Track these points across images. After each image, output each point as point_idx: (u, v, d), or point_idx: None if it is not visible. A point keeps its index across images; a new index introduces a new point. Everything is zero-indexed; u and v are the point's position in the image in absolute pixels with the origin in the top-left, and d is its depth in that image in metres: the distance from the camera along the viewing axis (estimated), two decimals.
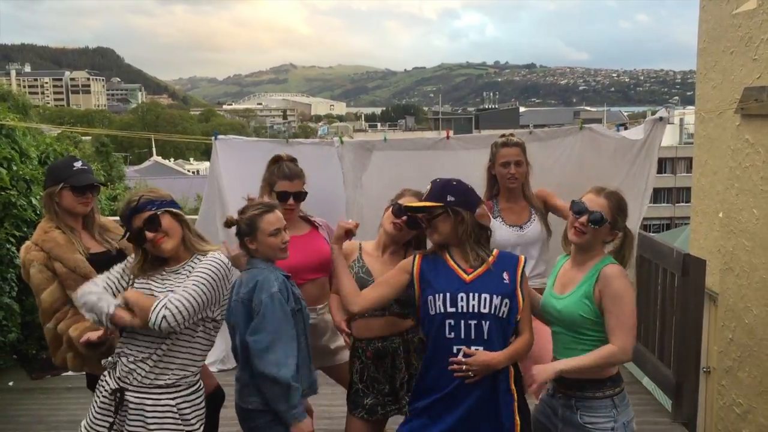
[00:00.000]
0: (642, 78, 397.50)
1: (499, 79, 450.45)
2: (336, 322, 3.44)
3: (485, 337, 2.81)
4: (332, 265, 3.19)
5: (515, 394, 2.91)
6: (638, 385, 5.57)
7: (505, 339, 2.86)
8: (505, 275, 2.89)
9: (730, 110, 5.75)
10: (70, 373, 5.81)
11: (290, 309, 2.97)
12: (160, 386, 2.83)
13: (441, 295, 2.84)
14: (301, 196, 3.78)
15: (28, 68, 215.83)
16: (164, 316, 2.69)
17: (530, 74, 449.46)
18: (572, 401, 2.94)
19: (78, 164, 3.53)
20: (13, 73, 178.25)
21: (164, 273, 2.90)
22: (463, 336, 2.81)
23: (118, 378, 2.85)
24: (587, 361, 2.83)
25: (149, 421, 2.81)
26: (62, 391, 5.55)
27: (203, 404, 3.02)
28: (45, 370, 5.91)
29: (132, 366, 2.83)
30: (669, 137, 45.23)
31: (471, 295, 2.82)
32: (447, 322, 2.83)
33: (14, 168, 5.72)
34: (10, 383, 5.73)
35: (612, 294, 2.83)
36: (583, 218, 2.90)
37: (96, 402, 2.94)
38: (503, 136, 4.24)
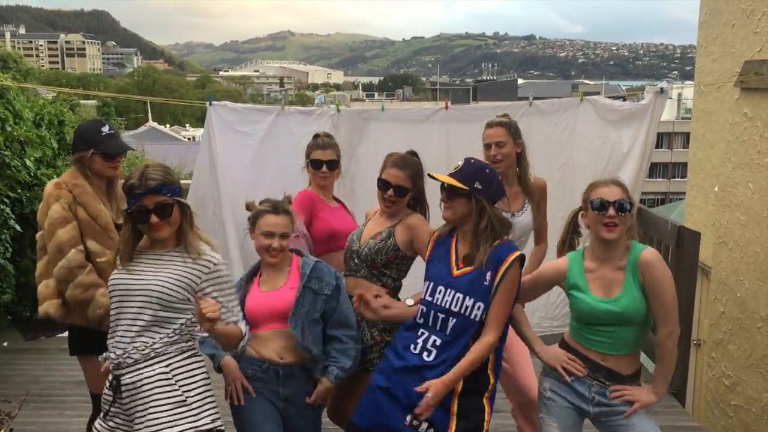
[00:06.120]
0: (641, 52, 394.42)
1: (498, 51, 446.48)
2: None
3: (447, 332, 2.88)
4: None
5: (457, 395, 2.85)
6: None
7: (467, 336, 2.85)
8: (488, 276, 2.85)
9: (729, 84, 5.72)
10: (65, 334, 5.89)
11: None
12: (149, 357, 2.73)
13: (429, 283, 2.98)
14: (333, 164, 3.96)
15: (22, 30, 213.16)
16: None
17: (529, 46, 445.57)
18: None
19: (105, 129, 3.54)
20: (7, 35, 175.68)
21: (149, 254, 2.81)
22: (430, 324, 2.92)
23: (114, 368, 2.74)
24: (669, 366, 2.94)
25: (144, 391, 2.72)
26: (56, 351, 5.58)
27: (203, 368, 2.87)
28: (39, 331, 5.94)
29: (126, 353, 2.72)
30: (666, 112, 44.97)
31: (448, 291, 2.90)
32: (421, 307, 2.98)
33: (8, 129, 5.68)
34: (5, 344, 5.77)
35: (656, 280, 2.79)
36: (611, 210, 2.80)
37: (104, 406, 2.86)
38: (497, 116, 3.95)
